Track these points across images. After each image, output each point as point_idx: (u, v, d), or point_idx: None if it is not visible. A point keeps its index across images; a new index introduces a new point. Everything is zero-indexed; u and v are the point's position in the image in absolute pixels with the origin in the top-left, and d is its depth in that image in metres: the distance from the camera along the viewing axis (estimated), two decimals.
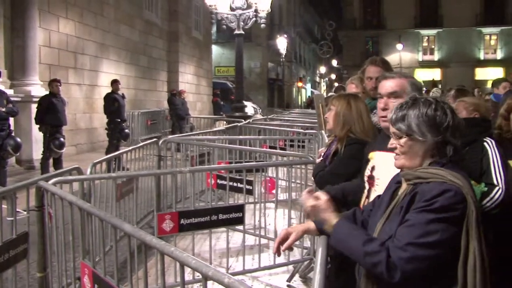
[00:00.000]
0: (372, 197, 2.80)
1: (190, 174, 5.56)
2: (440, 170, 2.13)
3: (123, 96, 12.92)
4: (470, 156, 3.51)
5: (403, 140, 2.25)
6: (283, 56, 39.74)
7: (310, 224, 2.47)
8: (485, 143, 3.50)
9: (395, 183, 2.36)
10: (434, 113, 2.18)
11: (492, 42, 48.95)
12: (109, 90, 13.25)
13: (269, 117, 17.99)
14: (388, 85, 2.91)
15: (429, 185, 2.10)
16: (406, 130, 2.22)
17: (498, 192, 3.13)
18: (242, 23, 14.58)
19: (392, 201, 2.28)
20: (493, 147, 3.44)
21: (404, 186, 2.26)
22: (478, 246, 2.02)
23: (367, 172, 2.94)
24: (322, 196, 2.53)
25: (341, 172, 3.53)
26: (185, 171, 5.33)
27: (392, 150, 2.33)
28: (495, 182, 3.21)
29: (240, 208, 5.08)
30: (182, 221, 4.73)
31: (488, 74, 44.99)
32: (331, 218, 2.33)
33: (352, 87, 5.21)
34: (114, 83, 13.02)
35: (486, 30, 48.20)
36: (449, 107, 2.24)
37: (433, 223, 2.01)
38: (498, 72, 43.76)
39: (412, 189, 2.17)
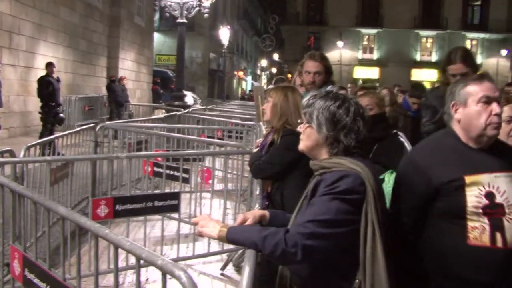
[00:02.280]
0: (508, 232, 2.31)
1: (126, 160, 5.53)
2: (341, 159, 2.25)
3: (58, 80, 12.59)
4: (392, 150, 3.76)
5: (304, 126, 2.38)
6: (225, 47, 39.69)
7: (266, 212, 2.48)
8: (399, 138, 3.81)
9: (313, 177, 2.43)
10: (336, 109, 2.29)
11: (428, 45, 50.51)
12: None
13: (208, 107, 17.97)
14: (493, 87, 2.46)
15: (331, 173, 2.21)
16: (308, 117, 2.35)
17: None
18: (185, 12, 14.53)
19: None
20: (406, 140, 3.79)
21: (314, 179, 2.36)
22: (377, 229, 2.13)
23: (478, 203, 2.32)
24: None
25: (276, 162, 3.62)
26: (122, 157, 5.30)
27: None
28: None
29: (176, 196, 5.10)
30: (117, 207, 4.70)
31: (423, 75, 46.58)
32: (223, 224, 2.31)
33: (299, 80, 5.29)
34: (49, 66, 12.65)
35: (423, 33, 49.67)
36: (356, 108, 2.32)
37: (334, 204, 2.11)
38: (432, 74, 45.28)
39: (318, 179, 2.28)
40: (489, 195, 2.33)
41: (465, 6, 48.83)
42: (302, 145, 2.41)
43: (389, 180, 3.53)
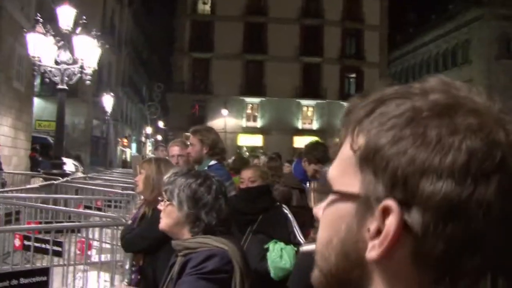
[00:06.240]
0: None
1: None
2: (207, 239, 2.24)
3: None
4: (276, 221, 3.94)
5: (165, 204, 2.37)
6: (109, 114, 39.07)
7: None
8: (283, 209, 3.98)
9: (175, 256, 2.40)
10: (197, 187, 2.30)
11: (309, 113, 52.62)
12: None
13: (89, 175, 17.43)
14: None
15: (197, 253, 2.20)
16: (168, 195, 2.34)
17: None
18: (66, 78, 14.20)
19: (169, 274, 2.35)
20: (289, 212, 3.98)
21: (178, 259, 2.32)
22: None
23: None
24: None
25: (147, 236, 3.53)
26: None
27: None
28: (301, 241, 3.79)
29: (45, 272, 4.83)
30: None
31: (305, 142, 48.11)
32: None
33: (175, 150, 5.29)
34: None
35: (304, 102, 51.79)
36: (217, 186, 2.35)
37: (201, 284, 2.10)
38: None
39: (183, 260, 2.25)
40: None
41: (342, 77, 51.80)
42: (163, 224, 2.37)
43: (273, 249, 3.69)
